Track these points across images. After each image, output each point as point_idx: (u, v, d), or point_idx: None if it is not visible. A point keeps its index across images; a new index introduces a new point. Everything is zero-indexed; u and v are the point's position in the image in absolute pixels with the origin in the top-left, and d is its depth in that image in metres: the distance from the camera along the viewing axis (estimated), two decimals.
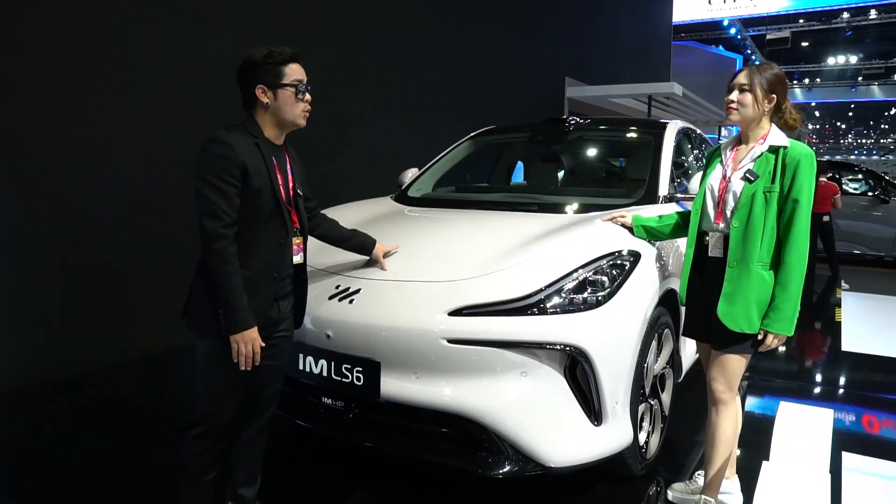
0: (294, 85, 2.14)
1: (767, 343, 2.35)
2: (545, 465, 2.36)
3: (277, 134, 2.20)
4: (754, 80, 2.36)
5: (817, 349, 5.63)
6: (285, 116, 2.16)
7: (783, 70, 2.51)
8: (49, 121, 4.00)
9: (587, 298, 2.47)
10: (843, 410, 3.95)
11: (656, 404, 2.96)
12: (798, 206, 2.28)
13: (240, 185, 2.03)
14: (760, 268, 2.31)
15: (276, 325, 2.24)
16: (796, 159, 2.30)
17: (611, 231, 2.80)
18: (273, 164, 2.14)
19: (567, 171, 4.42)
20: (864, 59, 35.53)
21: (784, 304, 2.29)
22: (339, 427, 2.62)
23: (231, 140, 2.03)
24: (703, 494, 2.49)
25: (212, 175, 1.99)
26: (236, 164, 2.01)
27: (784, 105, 2.42)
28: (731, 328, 2.34)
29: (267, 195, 2.10)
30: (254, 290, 2.09)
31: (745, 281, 2.32)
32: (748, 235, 2.33)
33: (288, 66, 2.14)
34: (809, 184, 2.29)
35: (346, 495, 2.73)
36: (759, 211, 2.31)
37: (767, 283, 2.32)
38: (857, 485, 2.93)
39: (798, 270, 2.30)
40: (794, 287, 2.29)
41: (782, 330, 2.31)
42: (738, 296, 2.33)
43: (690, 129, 4.45)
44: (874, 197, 10.22)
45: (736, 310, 2.33)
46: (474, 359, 2.35)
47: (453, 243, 2.90)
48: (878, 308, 7.08)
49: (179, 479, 2.19)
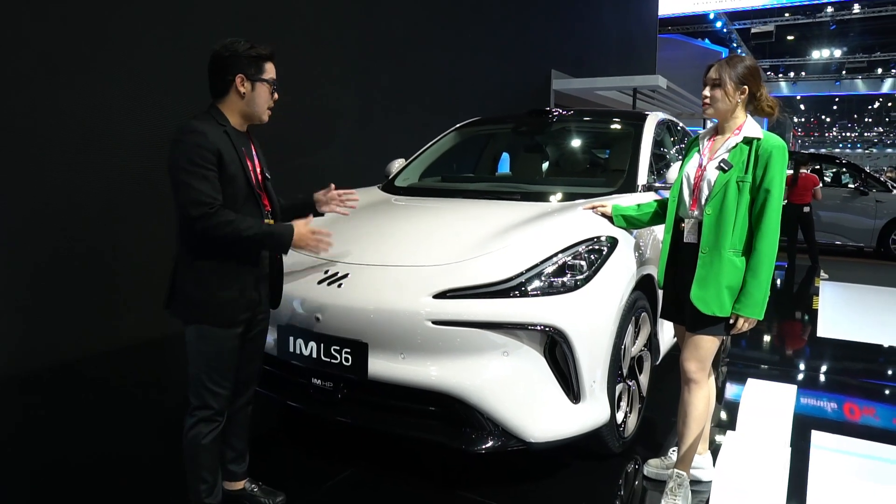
0: (270, 82, 2.24)
1: (738, 326, 2.46)
2: (526, 440, 2.47)
3: (241, 123, 2.27)
4: (724, 76, 2.46)
5: (794, 335, 5.80)
6: (256, 109, 2.24)
7: (766, 62, 2.61)
8: (38, 115, 4.04)
9: (566, 282, 2.58)
10: (816, 392, 4.11)
11: (634, 385, 3.07)
12: (770, 195, 2.38)
13: (217, 171, 2.10)
14: (732, 254, 2.42)
15: (257, 307, 2.33)
16: (769, 151, 2.39)
17: (589, 218, 2.91)
18: (242, 150, 2.22)
19: (550, 162, 4.52)
20: (848, 52, 35.86)
21: (755, 289, 2.40)
22: (328, 407, 2.72)
23: (204, 128, 2.10)
24: (676, 468, 2.61)
25: (190, 164, 2.05)
26: (211, 150, 2.08)
27: (758, 93, 2.50)
28: (704, 311, 2.44)
29: (240, 180, 2.18)
30: (236, 273, 2.18)
31: (717, 266, 2.43)
32: (721, 223, 2.43)
33: (268, 62, 2.24)
34: (781, 175, 2.39)
35: (334, 473, 2.83)
36: (731, 199, 2.42)
37: (739, 269, 2.43)
38: (824, 461, 3.07)
39: (768, 257, 2.40)
40: (765, 273, 2.40)
41: (752, 314, 2.42)
42: (710, 280, 2.44)
43: (671, 121, 4.57)
44: (854, 189, 10.42)
45: (708, 294, 2.44)
46: (458, 339, 2.46)
47: (438, 230, 3.00)
48: (855, 297, 7.26)
49: (188, 465, 2.25)
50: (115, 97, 4.44)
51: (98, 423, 3.39)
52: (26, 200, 4.00)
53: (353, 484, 2.76)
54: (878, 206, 10.12)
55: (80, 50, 4.22)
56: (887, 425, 3.60)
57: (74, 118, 4.21)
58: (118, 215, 4.51)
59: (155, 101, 4.68)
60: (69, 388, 3.91)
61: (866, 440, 3.32)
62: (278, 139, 2.22)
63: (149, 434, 3.26)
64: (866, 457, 3.16)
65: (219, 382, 2.21)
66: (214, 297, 2.15)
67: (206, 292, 2.15)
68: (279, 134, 2.21)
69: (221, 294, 2.15)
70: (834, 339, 5.36)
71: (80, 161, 4.26)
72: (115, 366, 4.28)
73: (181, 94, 4.77)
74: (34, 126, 4.01)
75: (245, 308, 2.22)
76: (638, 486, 2.82)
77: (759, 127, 2.49)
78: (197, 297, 2.15)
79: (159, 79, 4.70)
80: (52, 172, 4.12)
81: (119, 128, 4.48)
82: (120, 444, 3.14)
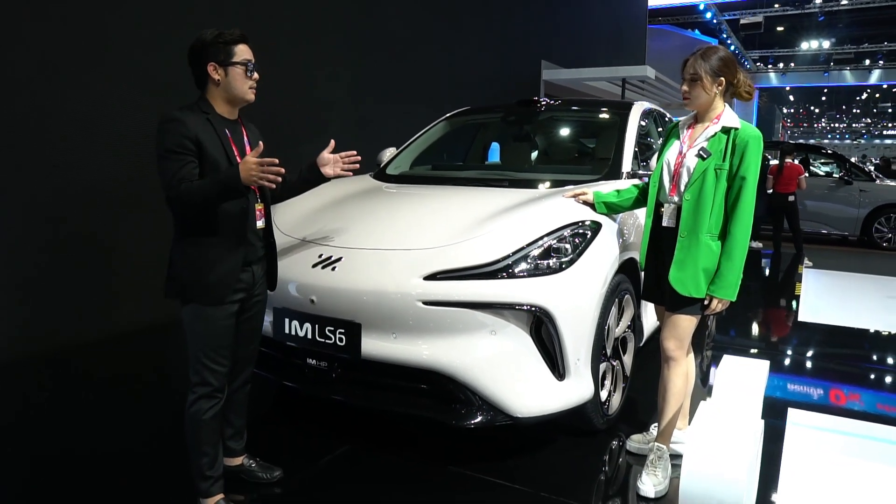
0: (244, 63, 2.30)
1: (713, 307, 2.58)
2: (513, 415, 2.58)
3: (230, 109, 2.35)
4: (699, 70, 2.56)
5: (776, 318, 5.95)
6: (235, 92, 2.31)
7: (756, 52, 2.70)
8: (35, 108, 4.11)
9: (551, 264, 2.68)
10: (792, 371, 4.27)
11: (618, 365, 3.19)
12: (745, 183, 2.49)
13: (196, 156, 2.19)
14: (709, 238, 2.53)
15: (252, 289, 2.42)
16: (745, 140, 2.50)
17: (574, 203, 3.02)
18: (227, 136, 2.30)
19: (539, 150, 4.63)
20: (836, 44, 36.09)
21: (728, 271, 2.52)
22: (323, 386, 2.83)
23: (182, 116, 2.19)
24: (656, 442, 2.73)
25: (167, 151, 2.16)
26: (188, 137, 2.17)
27: (735, 80, 2.59)
28: (681, 292, 2.56)
29: (223, 165, 2.25)
30: (223, 254, 2.26)
31: (694, 250, 2.54)
32: (699, 208, 2.54)
33: (237, 45, 2.30)
34: (756, 163, 2.50)
35: (329, 450, 2.93)
36: (709, 186, 2.53)
37: (714, 253, 2.54)
38: (799, 435, 3.20)
39: (742, 242, 2.51)
40: (738, 257, 2.51)
41: (726, 295, 2.54)
42: (687, 263, 2.55)
43: (657, 111, 4.68)
44: (839, 179, 10.58)
45: (685, 275, 2.56)
46: (448, 319, 2.56)
47: (429, 215, 3.10)
48: (837, 284, 7.41)
49: (190, 440, 2.34)
50: (114, 95, 4.51)
51: (96, 410, 3.48)
52: (29, 195, 4.07)
53: (348, 459, 2.87)
54: (862, 195, 10.28)
55: (80, 49, 4.28)
56: (859, 403, 3.75)
57: (77, 113, 4.28)
58: (112, 205, 4.59)
59: (153, 96, 4.74)
60: (67, 375, 4.00)
61: (837, 416, 3.48)
62: (269, 130, 2.29)
63: (147, 421, 3.35)
64: (838, 432, 3.31)
65: (215, 359, 2.30)
66: (203, 277, 2.24)
67: (196, 273, 2.24)
68: (270, 124, 2.29)
69: (209, 275, 2.24)
70: (814, 322, 5.51)
71: (81, 154, 4.33)
72: (107, 352, 4.37)
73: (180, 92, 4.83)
74: (30, 117, 4.08)
75: (236, 288, 2.31)
76: (622, 461, 2.93)
77: (737, 117, 2.59)
78: (187, 278, 2.25)
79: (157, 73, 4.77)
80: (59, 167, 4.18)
81: (119, 121, 4.54)
82: (118, 431, 3.22)
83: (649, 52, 19.49)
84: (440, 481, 2.71)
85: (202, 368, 2.30)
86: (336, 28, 6.73)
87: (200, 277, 2.23)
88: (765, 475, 2.69)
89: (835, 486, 2.74)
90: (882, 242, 10.14)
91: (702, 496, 1.89)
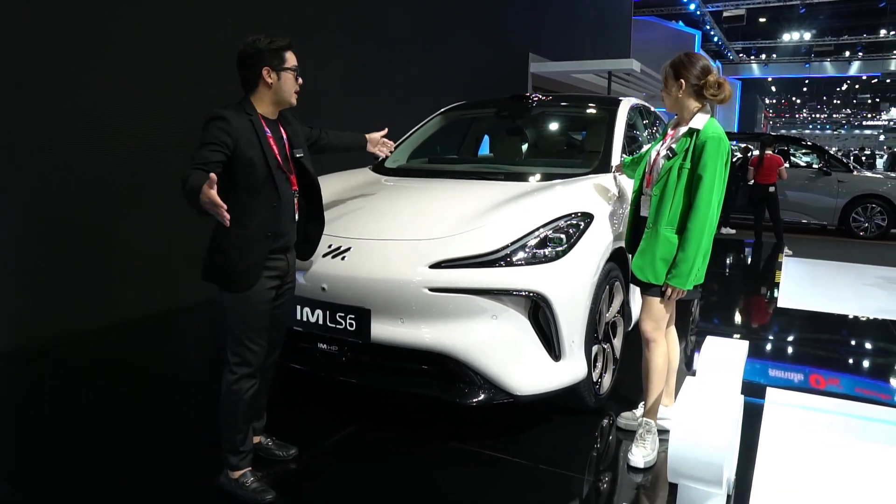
0: (294, 69, 2.48)
1: (667, 294, 2.78)
2: (512, 393, 2.78)
3: (272, 111, 2.52)
4: (664, 75, 2.81)
5: (757, 305, 6.20)
6: (284, 95, 2.49)
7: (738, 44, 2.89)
8: (36, 101, 4.22)
9: (547, 253, 2.88)
10: (771, 353, 4.50)
11: (609, 348, 3.40)
12: (702, 181, 2.66)
13: (230, 151, 2.31)
14: (668, 230, 2.74)
15: (286, 276, 2.58)
16: (704, 141, 2.68)
17: (568, 196, 3.22)
18: (266, 136, 2.44)
19: (530, 144, 4.81)
20: (817, 35, 36.53)
21: (682, 262, 2.71)
22: (334, 368, 3.01)
23: (227, 115, 2.34)
24: (644, 417, 2.94)
25: (205, 143, 2.29)
26: (230, 133, 2.31)
27: (702, 81, 2.74)
28: (640, 278, 2.82)
29: (259, 164, 2.39)
30: (250, 246, 2.40)
31: (654, 240, 2.77)
32: (662, 202, 2.76)
33: (287, 52, 2.48)
34: (713, 163, 2.65)
35: (339, 429, 3.11)
36: (672, 183, 2.74)
37: (672, 244, 2.74)
38: (776, 413, 3.43)
39: (697, 236, 2.67)
40: (692, 250, 2.68)
41: (679, 284, 2.73)
42: (647, 252, 2.79)
43: (643, 106, 4.88)
44: (818, 170, 10.87)
45: (644, 263, 2.80)
46: (452, 305, 2.75)
47: (431, 207, 3.28)
48: (816, 272, 7.68)
49: (226, 418, 2.48)
50: (114, 95, 4.62)
51: (108, 393, 3.63)
52: (29, 193, 4.19)
53: (357, 437, 3.05)
54: (840, 185, 10.57)
55: (80, 49, 4.38)
56: (837, 386, 4.00)
57: (77, 112, 4.40)
58: (124, 205, 4.71)
59: (153, 96, 4.86)
60: (64, 362, 4.11)
61: (813, 395, 3.72)
62: None
63: (148, 409, 3.49)
64: (814, 409, 3.54)
65: (255, 340, 2.45)
66: (235, 266, 2.38)
67: (228, 262, 2.39)
68: None
69: (240, 264, 2.38)
70: (793, 308, 5.76)
71: (81, 152, 4.45)
72: (110, 339, 4.52)
73: (181, 92, 4.96)
74: (28, 112, 4.19)
75: (271, 275, 2.47)
76: (612, 437, 3.14)
77: (706, 118, 2.74)
78: (221, 265, 2.40)
79: (156, 71, 4.89)
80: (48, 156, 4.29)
81: (119, 121, 4.66)
82: (118, 419, 3.34)
83: (633, 42, 19.70)
84: (443, 457, 2.89)
85: (244, 350, 2.44)
86: (326, 21, 6.82)
87: (233, 266, 2.37)
88: (744, 447, 2.90)
89: (809, 457, 2.97)
90: (859, 231, 10.44)
91: (689, 459, 2.10)
